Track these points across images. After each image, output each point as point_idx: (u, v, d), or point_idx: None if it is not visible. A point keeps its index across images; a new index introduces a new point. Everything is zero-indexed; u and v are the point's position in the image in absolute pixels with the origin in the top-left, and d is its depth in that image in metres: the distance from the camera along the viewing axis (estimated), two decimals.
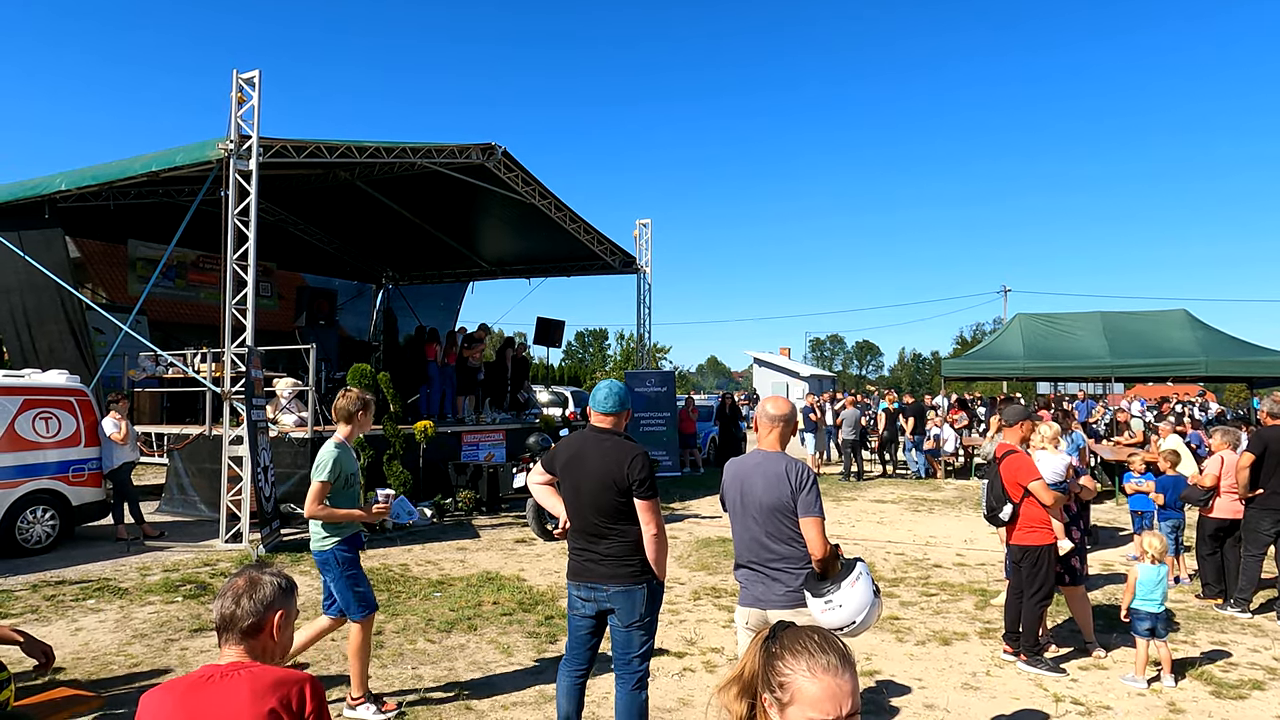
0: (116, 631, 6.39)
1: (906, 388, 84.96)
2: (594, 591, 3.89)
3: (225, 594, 2.17)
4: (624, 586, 3.82)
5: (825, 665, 1.45)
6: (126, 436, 10.10)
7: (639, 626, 3.86)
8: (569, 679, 4.04)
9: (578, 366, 54.00)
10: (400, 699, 5.04)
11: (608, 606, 3.88)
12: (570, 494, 3.99)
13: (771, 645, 1.54)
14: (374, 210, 16.95)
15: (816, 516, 3.60)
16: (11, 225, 12.14)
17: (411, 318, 19.51)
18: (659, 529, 3.84)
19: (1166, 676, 5.39)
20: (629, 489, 3.78)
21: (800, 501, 3.61)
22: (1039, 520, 5.63)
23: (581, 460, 3.93)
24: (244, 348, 9.90)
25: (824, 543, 3.58)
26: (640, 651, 3.88)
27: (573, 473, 3.96)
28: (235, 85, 9.83)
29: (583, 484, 3.90)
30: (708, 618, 6.91)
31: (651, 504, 3.82)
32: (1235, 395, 33.03)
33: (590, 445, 3.95)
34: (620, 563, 3.83)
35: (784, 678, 1.47)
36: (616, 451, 3.85)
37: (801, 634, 1.52)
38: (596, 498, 3.84)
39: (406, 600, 7.32)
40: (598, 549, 3.88)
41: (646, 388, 16.39)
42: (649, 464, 3.84)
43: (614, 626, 3.91)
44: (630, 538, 3.84)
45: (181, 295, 18.34)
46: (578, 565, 3.97)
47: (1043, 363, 19.31)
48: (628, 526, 3.84)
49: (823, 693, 1.43)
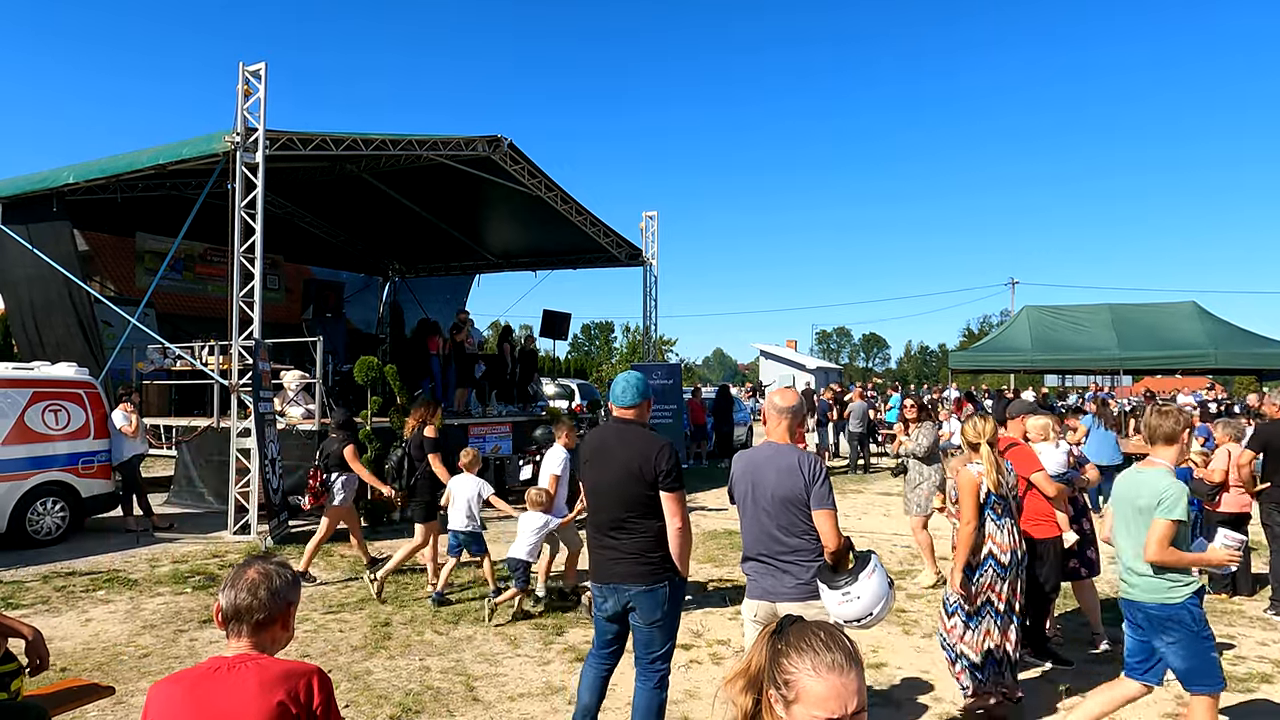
0: (126, 622, 6.42)
1: (913, 380, 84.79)
2: (615, 592, 3.83)
3: (237, 586, 2.16)
4: (646, 586, 3.75)
5: (830, 663, 1.44)
6: (137, 429, 10.15)
7: (660, 625, 3.80)
8: (594, 672, 4.02)
9: (584, 359, 54.02)
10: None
11: (629, 605, 3.83)
12: (593, 487, 3.92)
13: (777, 641, 1.53)
14: (380, 203, 16.95)
15: (830, 509, 3.59)
16: (20, 218, 12.18)
17: (418, 310, 19.52)
18: (684, 522, 3.76)
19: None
20: (656, 481, 3.71)
21: (814, 494, 3.60)
22: (1043, 513, 5.61)
23: (606, 453, 3.87)
24: (251, 340, 9.92)
25: (838, 535, 3.57)
26: (661, 652, 3.83)
27: (597, 466, 3.89)
28: (241, 77, 9.82)
29: (608, 476, 3.82)
30: (714, 610, 6.92)
31: (678, 496, 3.75)
32: (1244, 388, 32.85)
33: (615, 438, 3.90)
34: (641, 560, 3.75)
35: (789, 675, 1.46)
36: (643, 443, 3.78)
37: (807, 630, 1.51)
38: (622, 490, 3.77)
39: (414, 592, 7.34)
40: (619, 545, 3.80)
41: (653, 380, 16.32)
42: (676, 456, 3.79)
43: (635, 624, 3.86)
44: (651, 533, 3.77)
45: (189, 288, 18.40)
46: (598, 565, 3.92)
47: (1050, 355, 19.22)
48: (650, 521, 3.76)
49: (828, 691, 1.42)
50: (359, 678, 5.26)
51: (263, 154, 9.98)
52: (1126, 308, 20.21)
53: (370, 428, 10.91)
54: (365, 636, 6.09)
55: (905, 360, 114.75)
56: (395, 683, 5.19)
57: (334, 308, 15.33)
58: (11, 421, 8.95)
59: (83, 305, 12.01)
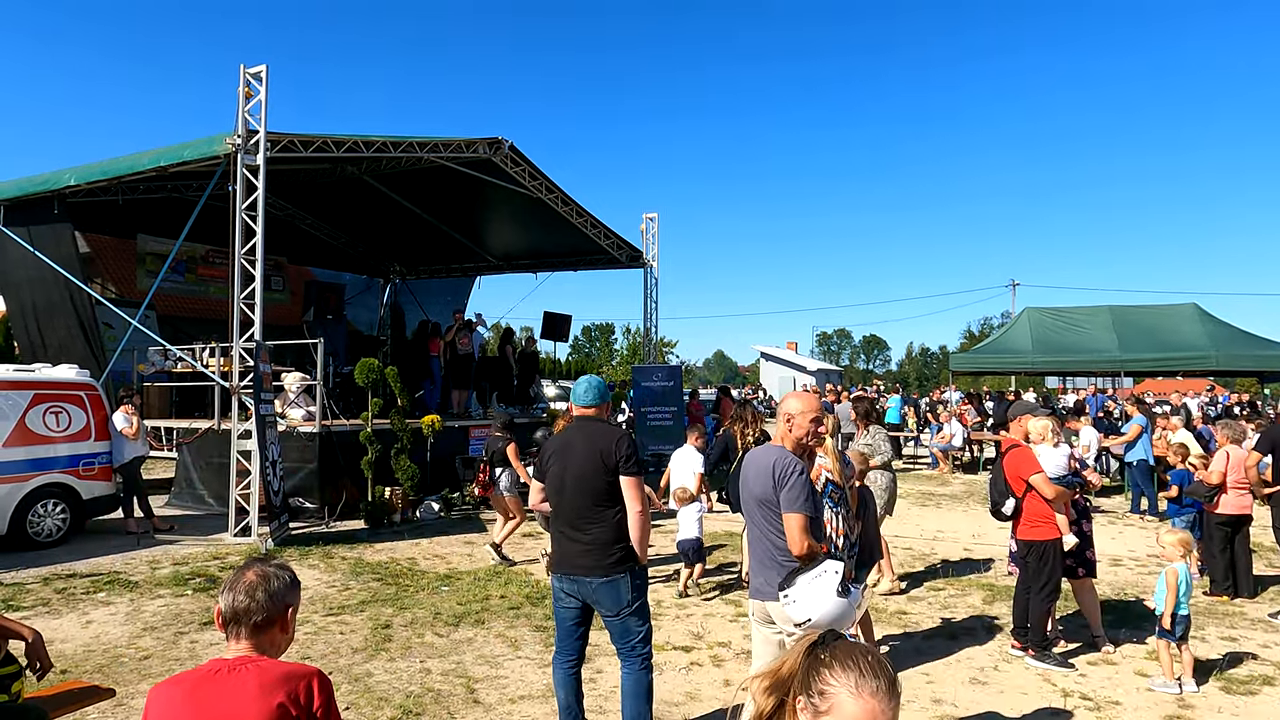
0: (127, 624, 6.42)
1: (914, 382, 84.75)
2: (576, 584, 3.98)
3: (236, 588, 2.16)
4: (607, 577, 3.90)
5: (873, 689, 1.43)
6: (137, 431, 10.16)
7: (631, 614, 3.95)
8: (562, 670, 4.15)
9: (585, 361, 54.03)
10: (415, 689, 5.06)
11: (592, 598, 3.97)
12: (557, 481, 4.09)
13: (820, 652, 1.51)
14: (381, 205, 16.97)
15: (797, 513, 3.55)
16: (21, 220, 12.19)
17: (419, 312, 19.53)
18: (644, 506, 3.97)
19: (1188, 681, 5.23)
20: (616, 466, 3.91)
21: (781, 497, 3.59)
22: (1043, 515, 5.61)
23: (569, 447, 4.07)
24: (252, 342, 9.93)
25: (803, 540, 3.52)
26: (640, 636, 3.98)
27: (561, 460, 4.08)
28: (242, 80, 9.82)
29: (571, 468, 4.01)
30: (715, 612, 6.91)
31: (637, 481, 3.94)
32: (1245, 389, 32.83)
33: (577, 433, 4.11)
34: (604, 552, 3.91)
35: (828, 687, 1.44)
36: (603, 433, 4.03)
37: (856, 650, 1.50)
38: (585, 480, 3.95)
39: (415, 594, 7.34)
40: (583, 538, 3.95)
41: (653, 382, 16.32)
42: (634, 443, 4.03)
43: (607, 619, 3.99)
44: (614, 524, 3.93)
45: (191, 290, 18.41)
46: (560, 556, 4.08)
47: (1051, 357, 19.20)
48: (612, 511, 3.93)
49: (864, 714, 1.41)
50: (359, 680, 5.26)
51: (264, 156, 9.98)
52: (1127, 309, 20.20)
53: (371, 429, 10.92)
54: (366, 639, 6.09)
55: (906, 362, 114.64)
56: (396, 685, 5.19)
57: (335, 310, 15.33)
58: (12, 424, 8.95)
59: (84, 307, 12.01)
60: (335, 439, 11.05)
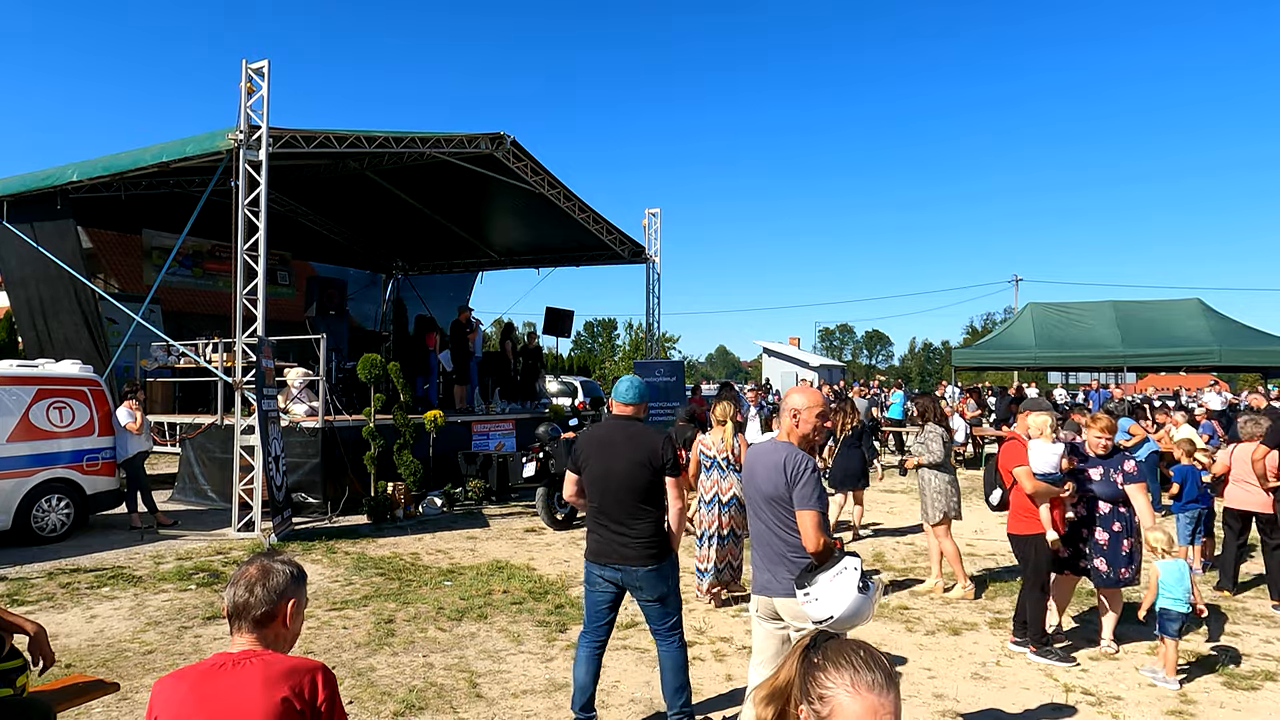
0: (131, 619, 6.45)
1: (916, 378, 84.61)
2: (619, 572, 4.22)
3: (238, 582, 2.18)
4: (654, 566, 4.18)
5: (870, 683, 1.41)
6: (141, 426, 10.18)
7: (667, 597, 4.25)
8: (588, 649, 4.36)
9: (587, 356, 54.01)
10: None
11: (634, 585, 4.22)
12: (599, 477, 4.26)
13: (813, 655, 1.49)
14: (384, 200, 16.96)
15: (812, 510, 3.55)
16: (25, 216, 12.21)
17: (421, 307, 19.55)
18: (684, 504, 4.28)
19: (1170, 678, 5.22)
20: (662, 467, 4.18)
21: (795, 494, 3.59)
22: (1027, 509, 5.61)
23: (612, 445, 4.27)
24: (255, 338, 9.94)
25: (818, 537, 3.52)
26: (675, 619, 4.29)
27: (604, 457, 4.27)
28: (245, 75, 9.82)
29: (616, 466, 4.21)
30: (716, 607, 6.92)
31: (678, 481, 4.24)
32: (1248, 384, 32.77)
33: (619, 433, 4.31)
34: (649, 544, 4.18)
35: (825, 690, 1.43)
36: (647, 436, 4.29)
37: (846, 647, 1.48)
38: (632, 478, 4.17)
39: (418, 589, 7.36)
40: (629, 531, 4.18)
41: (656, 377, 16.33)
42: (675, 446, 4.29)
43: (643, 602, 4.26)
44: (655, 519, 4.21)
45: (199, 284, 18.43)
46: (604, 547, 4.26)
47: (1054, 352, 19.20)
48: (654, 508, 4.21)
49: (865, 710, 1.39)
50: (363, 674, 5.28)
51: (266, 151, 9.98)
52: (1130, 305, 20.18)
53: (373, 424, 10.94)
54: (369, 633, 6.10)
55: (909, 357, 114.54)
56: (399, 679, 5.20)
57: (337, 305, 15.31)
58: (16, 419, 8.97)
59: (88, 302, 12.04)
60: (338, 434, 11.07)
